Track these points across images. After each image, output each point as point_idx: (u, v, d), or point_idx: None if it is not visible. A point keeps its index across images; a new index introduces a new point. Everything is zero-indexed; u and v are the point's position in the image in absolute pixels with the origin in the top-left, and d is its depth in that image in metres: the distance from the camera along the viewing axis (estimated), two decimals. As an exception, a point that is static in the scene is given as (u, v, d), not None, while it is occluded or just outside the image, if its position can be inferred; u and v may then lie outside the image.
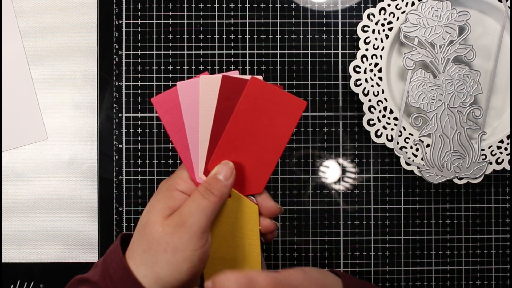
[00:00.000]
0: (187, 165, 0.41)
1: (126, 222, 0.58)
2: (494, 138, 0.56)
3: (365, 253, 0.58)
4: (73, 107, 0.58)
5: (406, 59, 0.54)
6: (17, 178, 0.58)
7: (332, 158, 0.58)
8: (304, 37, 0.58)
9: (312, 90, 0.58)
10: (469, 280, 0.58)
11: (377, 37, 0.55)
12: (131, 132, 0.58)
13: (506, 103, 0.57)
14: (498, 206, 0.58)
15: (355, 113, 0.58)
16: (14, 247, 0.58)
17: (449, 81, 0.54)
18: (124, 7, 0.58)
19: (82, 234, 0.58)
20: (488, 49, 0.57)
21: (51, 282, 0.57)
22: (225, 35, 0.58)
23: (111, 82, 0.58)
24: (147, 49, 0.58)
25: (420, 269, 0.58)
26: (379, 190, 0.58)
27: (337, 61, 0.58)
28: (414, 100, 0.54)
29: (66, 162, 0.58)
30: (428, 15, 0.53)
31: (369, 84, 0.55)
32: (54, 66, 0.58)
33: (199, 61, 0.58)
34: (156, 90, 0.58)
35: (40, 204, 0.58)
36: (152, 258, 0.39)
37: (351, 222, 0.58)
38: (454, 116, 0.54)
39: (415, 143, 0.55)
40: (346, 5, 0.58)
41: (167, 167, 0.58)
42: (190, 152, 0.41)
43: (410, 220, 0.58)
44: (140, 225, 0.41)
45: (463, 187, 0.58)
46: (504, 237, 0.58)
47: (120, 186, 0.58)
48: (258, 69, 0.58)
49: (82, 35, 0.58)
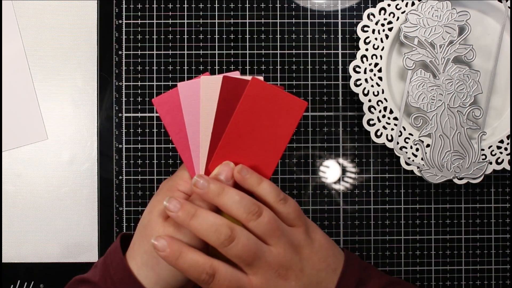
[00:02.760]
0: (188, 165, 0.41)
1: (126, 222, 0.58)
2: (494, 138, 0.56)
3: (365, 253, 0.58)
4: (73, 107, 0.58)
5: (406, 59, 0.54)
6: (17, 178, 0.58)
7: (332, 158, 0.58)
8: (304, 37, 0.58)
9: (312, 90, 0.58)
10: (469, 280, 0.58)
11: (377, 37, 0.55)
12: (131, 132, 0.58)
13: (506, 103, 0.57)
14: (498, 206, 0.58)
15: (355, 113, 0.58)
16: (14, 247, 0.58)
17: (449, 81, 0.54)
18: (124, 7, 0.58)
19: (82, 234, 0.58)
20: (488, 49, 0.57)
21: (51, 282, 0.57)
22: (225, 35, 0.58)
23: (111, 82, 0.58)
24: (147, 49, 0.58)
25: (420, 269, 0.58)
26: (379, 190, 0.58)
27: (337, 61, 0.58)
28: (414, 100, 0.54)
29: (66, 162, 0.58)
30: (428, 15, 0.53)
31: (369, 84, 0.55)
32: (54, 66, 0.58)
33: (199, 61, 0.58)
34: (156, 90, 0.58)
35: (40, 204, 0.58)
36: (153, 259, 0.39)
37: (351, 222, 0.58)
38: (454, 116, 0.54)
39: (415, 143, 0.55)
40: (346, 5, 0.58)
41: (167, 167, 0.58)
42: (191, 152, 0.41)
43: (410, 220, 0.58)
44: (141, 226, 0.41)
45: (463, 187, 0.58)
46: (504, 237, 0.58)
47: (120, 186, 0.58)
48: (258, 69, 0.58)
49: (82, 35, 0.58)
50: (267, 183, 0.40)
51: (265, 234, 0.38)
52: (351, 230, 0.58)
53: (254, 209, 0.38)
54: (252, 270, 0.38)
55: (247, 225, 0.38)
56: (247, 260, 0.37)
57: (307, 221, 0.42)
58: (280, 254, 0.38)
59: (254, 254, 0.37)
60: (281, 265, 0.38)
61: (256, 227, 0.38)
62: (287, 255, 0.39)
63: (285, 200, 0.40)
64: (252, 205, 0.38)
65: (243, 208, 0.38)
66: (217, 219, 0.37)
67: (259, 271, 0.38)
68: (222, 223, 0.37)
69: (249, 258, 0.37)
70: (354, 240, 0.58)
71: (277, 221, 0.39)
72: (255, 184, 0.39)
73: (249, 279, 0.38)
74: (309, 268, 0.40)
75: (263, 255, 0.38)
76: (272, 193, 0.40)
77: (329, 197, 0.58)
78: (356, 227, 0.58)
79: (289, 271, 0.39)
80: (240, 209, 0.38)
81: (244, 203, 0.38)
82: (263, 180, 0.40)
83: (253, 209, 0.38)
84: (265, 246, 0.38)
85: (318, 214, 0.58)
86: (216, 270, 0.37)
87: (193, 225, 0.37)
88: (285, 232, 0.39)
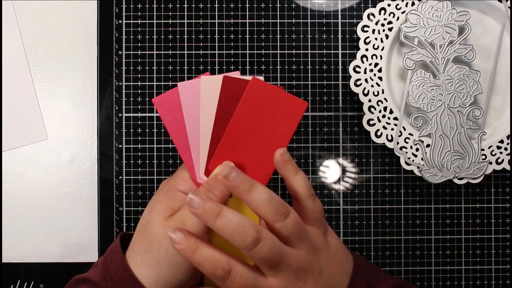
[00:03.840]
0: (188, 165, 0.41)
1: (126, 222, 0.58)
2: (494, 138, 0.56)
3: (365, 253, 0.58)
4: (73, 107, 0.58)
5: (406, 59, 0.54)
6: (17, 178, 0.58)
7: (332, 158, 0.58)
8: (304, 37, 0.58)
9: (312, 90, 0.58)
10: (469, 280, 0.58)
11: (377, 37, 0.55)
12: (131, 132, 0.58)
13: (506, 103, 0.57)
14: (498, 206, 0.58)
15: (355, 113, 0.58)
16: (14, 247, 0.58)
17: (449, 81, 0.54)
18: (124, 7, 0.58)
19: (82, 234, 0.58)
20: (488, 49, 0.57)
21: (51, 282, 0.57)
22: (225, 35, 0.58)
23: (111, 82, 0.58)
24: (147, 49, 0.58)
25: (420, 269, 0.58)
26: (379, 190, 0.58)
27: (337, 61, 0.58)
28: (414, 100, 0.54)
29: (66, 162, 0.58)
30: (428, 15, 0.53)
31: (369, 84, 0.55)
32: (54, 66, 0.58)
33: (199, 61, 0.58)
34: (156, 90, 0.58)
35: (40, 204, 0.58)
36: (153, 259, 0.39)
37: (351, 222, 0.58)
38: (454, 116, 0.54)
39: (415, 143, 0.55)
40: (346, 5, 0.58)
41: (167, 167, 0.58)
42: (191, 152, 0.41)
43: (410, 220, 0.58)
44: (141, 226, 0.41)
45: (463, 187, 0.58)
46: (504, 237, 0.58)
47: (120, 186, 0.58)
48: (258, 69, 0.58)
49: (82, 35, 0.58)
50: (303, 175, 0.39)
51: (290, 236, 0.37)
52: (351, 230, 0.58)
53: (282, 209, 0.37)
54: (273, 273, 0.37)
55: (273, 225, 0.37)
56: (270, 263, 0.36)
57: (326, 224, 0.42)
58: (302, 257, 0.38)
59: (278, 257, 0.36)
60: (301, 268, 0.38)
61: (282, 228, 0.37)
62: (308, 258, 0.38)
63: (314, 197, 0.40)
64: (280, 205, 0.37)
65: (272, 208, 0.36)
66: (243, 220, 0.36)
67: (280, 273, 0.37)
68: (248, 225, 0.35)
69: (273, 261, 0.36)
70: (354, 240, 0.58)
71: (302, 223, 0.38)
72: (293, 172, 0.39)
73: (267, 280, 0.37)
74: (326, 271, 0.40)
75: (286, 258, 0.37)
76: (306, 186, 0.39)
77: (329, 197, 0.58)
78: (356, 227, 0.58)
79: (308, 274, 0.38)
80: (270, 208, 0.36)
81: (273, 202, 0.37)
82: (300, 171, 0.39)
83: (281, 210, 0.37)
84: (288, 248, 0.37)
85: (318, 214, 0.58)
86: (233, 267, 0.36)
87: (218, 225, 0.35)
88: (308, 234, 0.39)
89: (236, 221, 0.35)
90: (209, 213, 0.35)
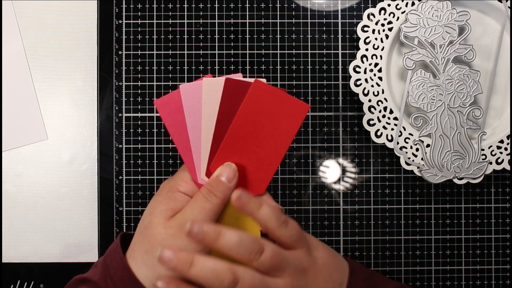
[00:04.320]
0: (189, 166, 0.41)
1: (126, 222, 0.58)
2: (494, 138, 0.56)
3: (365, 253, 0.58)
4: (73, 107, 0.58)
5: (406, 59, 0.54)
6: (17, 178, 0.58)
7: (332, 158, 0.58)
8: (304, 37, 0.58)
9: (312, 90, 0.58)
10: (469, 280, 0.58)
11: (377, 37, 0.55)
12: (131, 132, 0.58)
13: (506, 103, 0.57)
14: (498, 206, 0.58)
15: (355, 113, 0.58)
16: (14, 247, 0.58)
17: (449, 81, 0.54)
18: (124, 7, 0.58)
19: (82, 234, 0.58)
20: (488, 49, 0.57)
21: (51, 282, 0.57)
22: (225, 35, 0.58)
23: (111, 82, 0.58)
24: (147, 49, 0.58)
25: (420, 269, 0.58)
26: (379, 190, 0.58)
27: (337, 61, 0.58)
28: (414, 100, 0.54)
29: (66, 162, 0.58)
30: (428, 15, 0.53)
31: (369, 84, 0.55)
32: (54, 66, 0.58)
33: (199, 61, 0.58)
34: (156, 90, 0.58)
35: (40, 204, 0.58)
36: (153, 259, 0.39)
37: (351, 222, 0.58)
38: (454, 116, 0.54)
39: (415, 143, 0.55)
40: (346, 5, 0.58)
41: (167, 167, 0.58)
42: (192, 153, 0.40)
43: (410, 220, 0.58)
44: (142, 226, 0.41)
45: (463, 187, 0.58)
46: (504, 237, 0.58)
47: (120, 186, 0.58)
48: (258, 69, 0.58)
49: (82, 35, 0.58)
50: (267, 208, 0.38)
51: (270, 270, 0.37)
52: (351, 230, 0.58)
53: (255, 247, 0.36)
54: None
55: (250, 265, 0.37)
56: None
57: (308, 238, 0.41)
58: (288, 285, 0.38)
59: None
60: None
61: (260, 265, 0.37)
62: (294, 283, 0.38)
63: (286, 223, 0.39)
64: (252, 243, 0.36)
65: (243, 249, 0.36)
66: (216, 264, 0.35)
67: None
68: (222, 268, 0.35)
69: None
70: (354, 240, 0.58)
71: (280, 252, 0.38)
72: (255, 209, 0.38)
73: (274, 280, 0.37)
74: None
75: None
76: (273, 217, 0.38)
77: (329, 197, 0.58)
78: (356, 227, 0.58)
79: None
80: (241, 250, 0.36)
81: (244, 244, 0.36)
82: (263, 205, 0.38)
83: (254, 248, 0.36)
84: (272, 280, 0.37)
85: (318, 214, 0.58)
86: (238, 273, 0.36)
87: (192, 274, 0.35)
88: (289, 260, 0.38)
89: (209, 266, 0.35)
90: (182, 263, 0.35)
